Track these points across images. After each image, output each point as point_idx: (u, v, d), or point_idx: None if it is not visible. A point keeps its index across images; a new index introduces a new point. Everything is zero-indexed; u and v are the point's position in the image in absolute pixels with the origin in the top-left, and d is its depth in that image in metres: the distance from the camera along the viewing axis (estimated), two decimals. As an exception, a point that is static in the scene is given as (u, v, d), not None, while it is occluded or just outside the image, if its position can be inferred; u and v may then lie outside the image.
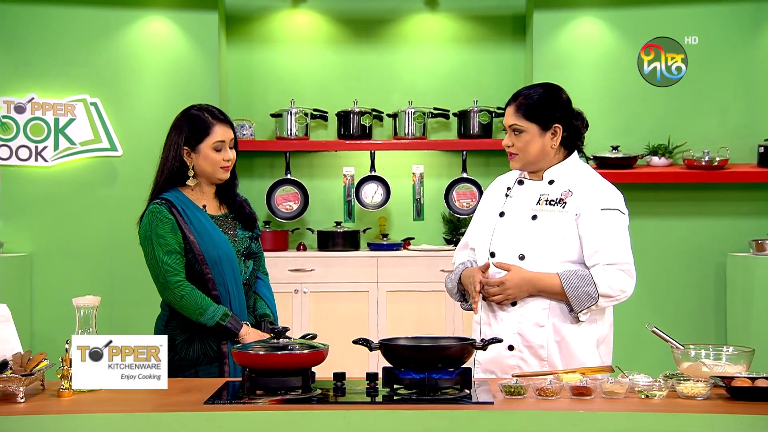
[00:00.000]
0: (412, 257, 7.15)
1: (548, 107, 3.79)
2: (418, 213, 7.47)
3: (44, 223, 7.09)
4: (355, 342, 3.35)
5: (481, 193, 7.34)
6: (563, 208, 3.76)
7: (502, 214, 3.88)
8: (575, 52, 7.23)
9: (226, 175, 4.01)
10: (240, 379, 3.50)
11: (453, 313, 6.99)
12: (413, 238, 7.51)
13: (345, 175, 7.40)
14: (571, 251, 3.74)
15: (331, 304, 6.99)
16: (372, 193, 7.40)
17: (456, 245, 7.33)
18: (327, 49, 7.67)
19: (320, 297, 7.03)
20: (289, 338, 3.31)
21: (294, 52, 7.66)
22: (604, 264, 3.70)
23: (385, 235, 7.41)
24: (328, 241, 7.27)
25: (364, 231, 7.44)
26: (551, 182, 3.83)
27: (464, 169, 7.43)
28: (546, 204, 3.79)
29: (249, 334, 3.87)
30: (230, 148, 3.99)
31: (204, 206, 4.00)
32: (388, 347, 3.22)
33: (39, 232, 7.09)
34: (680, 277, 7.17)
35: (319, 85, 7.63)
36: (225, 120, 4.00)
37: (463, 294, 3.98)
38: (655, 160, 7.09)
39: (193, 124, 3.95)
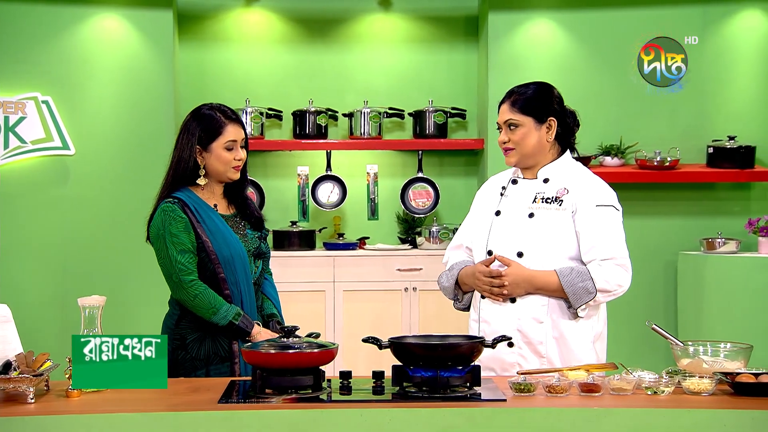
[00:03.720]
0: (368, 257, 7.17)
1: (542, 101, 3.88)
2: (373, 212, 7.49)
3: (-6, 223, 6.98)
4: (364, 341, 3.36)
5: (436, 192, 7.40)
6: (560, 205, 3.82)
7: (498, 213, 3.93)
8: (529, 54, 7.30)
9: (237, 175, 3.99)
10: (246, 378, 3.52)
11: (409, 312, 7.02)
12: (368, 238, 7.52)
13: (299, 175, 7.39)
14: (568, 248, 3.80)
15: (288, 304, 6.85)
16: (328, 192, 7.41)
17: (410, 244, 7.41)
18: (281, 48, 7.65)
19: (276, 297, 6.99)
20: (299, 337, 3.31)
21: (247, 51, 7.63)
22: (601, 259, 3.77)
23: (340, 235, 7.42)
24: (284, 240, 7.25)
25: (320, 230, 7.43)
26: (546, 180, 3.89)
27: (420, 169, 7.47)
28: (542, 202, 3.85)
29: (260, 333, 3.87)
30: (241, 147, 3.98)
31: (215, 206, 3.99)
32: (398, 345, 3.24)
33: (-11, 233, 6.97)
34: (632, 276, 7.25)
35: (273, 84, 7.61)
36: (237, 119, 3.98)
37: (456, 294, 4.03)
38: (608, 160, 7.21)
39: (205, 124, 3.94)
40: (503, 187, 4.00)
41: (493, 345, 3.28)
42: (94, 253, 7.06)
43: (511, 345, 3.77)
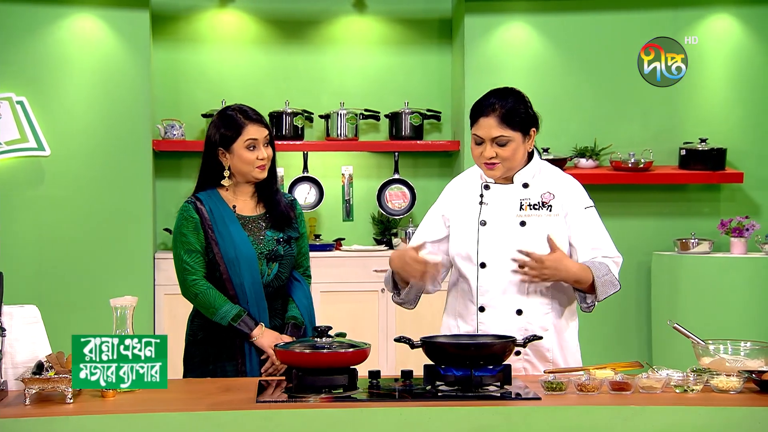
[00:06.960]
0: (345, 257, 7.19)
1: (525, 112, 3.77)
2: (348, 214, 7.50)
3: (-32, 224, 6.88)
4: (396, 340, 3.39)
5: (413, 193, 7.43)
6: (550, 211, 3.79)
7: (483, 223, 3.81)
8: (505, 56, 7.36)
9: (263, 174, 4.01)
10: (276, 378, 3.53)
11: (386, 314, 7.05)
12: (344, 239, 7.53)
13: (275, 176, 7.38)
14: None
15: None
16: (305, 193, 7.40)
17: (386, 245, 7.42)
18: (255, 49, 7.64)
19: (254, 298, 6.97)
20: (331, 336, 3.33)
21: (222, 52, 7.61)
22: (603, 257, 3.81)
23: (317, 236, 7.42)
24: (261, 242, 7.22)
25: (297, 232, 7.42)
26: (526, 185, 3.82)
27: (396, 170, 7.50)
28: (531, 209, 3.79)
29: (263, 335, 3.90)
30: (264, 146, 3.99)
31: (234, 206, 3.99)
32: (430, 345, 3.27)
33: (-37, 234, 6.87)
34: (606, 276, 7.34)
35: (248, 85, 7.59)
36: (257, 119, 4.01)
37: (395, 283, 3.85)
38: (583, 162, 7.29)
39: (226, 125, 3.99)
40: (481, 195, 3.85)
41: (524, 344, 3.32)
42: (69, 254, 7.00)
43: (518, 354, 3.75)
